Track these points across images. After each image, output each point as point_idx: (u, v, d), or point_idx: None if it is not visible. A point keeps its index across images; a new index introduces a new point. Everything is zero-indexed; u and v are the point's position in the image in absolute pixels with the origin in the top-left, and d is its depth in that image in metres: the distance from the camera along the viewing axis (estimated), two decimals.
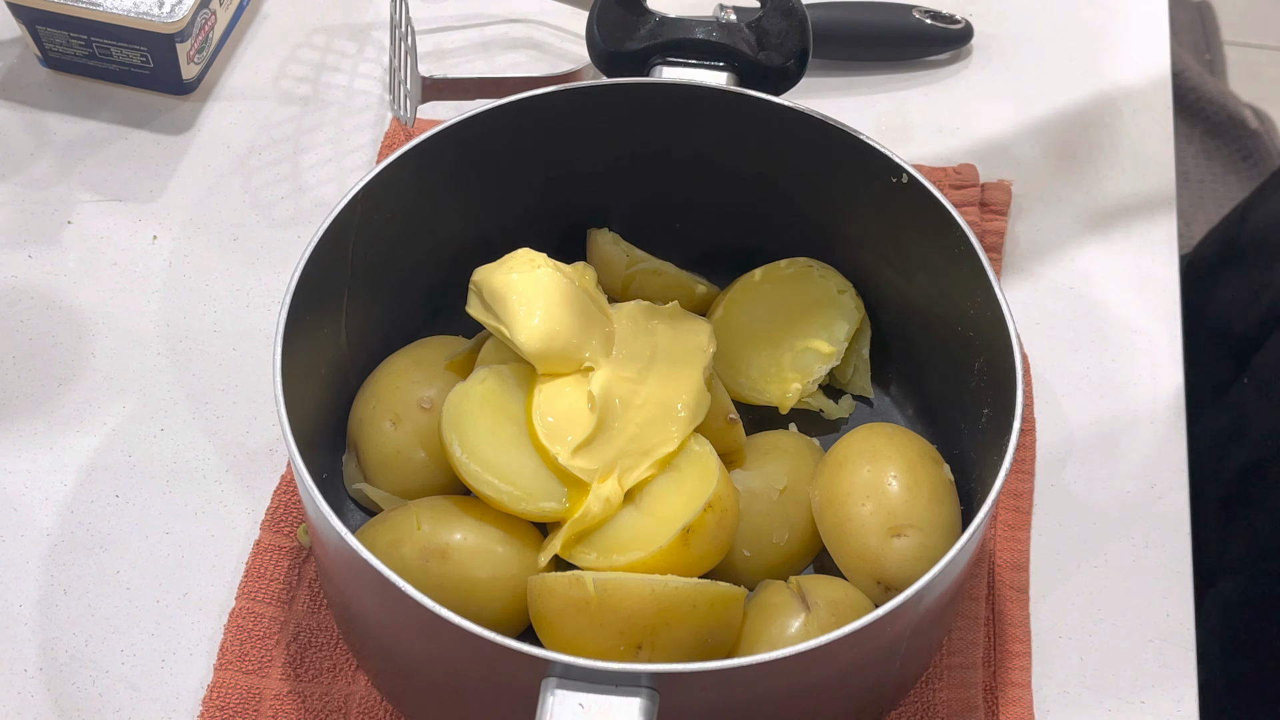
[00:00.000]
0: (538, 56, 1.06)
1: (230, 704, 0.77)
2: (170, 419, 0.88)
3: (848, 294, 0.85)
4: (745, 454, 0.80)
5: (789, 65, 0.85)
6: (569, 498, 0.74)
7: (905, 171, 0.78)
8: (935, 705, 0.78)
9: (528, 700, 0.63)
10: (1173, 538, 0.85)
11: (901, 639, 0.70)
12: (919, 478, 0.77)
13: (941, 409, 0.84)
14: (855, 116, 0.95)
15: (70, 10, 0.96)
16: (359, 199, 0.77)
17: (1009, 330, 0.73)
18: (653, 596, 0.69)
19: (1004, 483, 0.69)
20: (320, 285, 0.76)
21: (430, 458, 0.79)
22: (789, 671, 0.65)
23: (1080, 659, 0.81)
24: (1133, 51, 1.08)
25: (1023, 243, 0.97)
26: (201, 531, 0.84)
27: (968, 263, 0.76)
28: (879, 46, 1.05)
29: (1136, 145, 1.03)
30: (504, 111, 0.81)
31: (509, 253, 0.81)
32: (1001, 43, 1.07)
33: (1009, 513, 0.85)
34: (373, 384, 0.82)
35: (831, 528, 0.77)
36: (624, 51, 0.86)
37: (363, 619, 0.74)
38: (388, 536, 0.75)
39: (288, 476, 0.85)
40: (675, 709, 0.64)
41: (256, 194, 0.98)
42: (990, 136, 1.02)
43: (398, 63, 0.97)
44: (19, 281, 0.93)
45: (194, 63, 1.00)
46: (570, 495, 0.74)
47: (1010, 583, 0.82)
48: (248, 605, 0.80)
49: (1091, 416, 0.89)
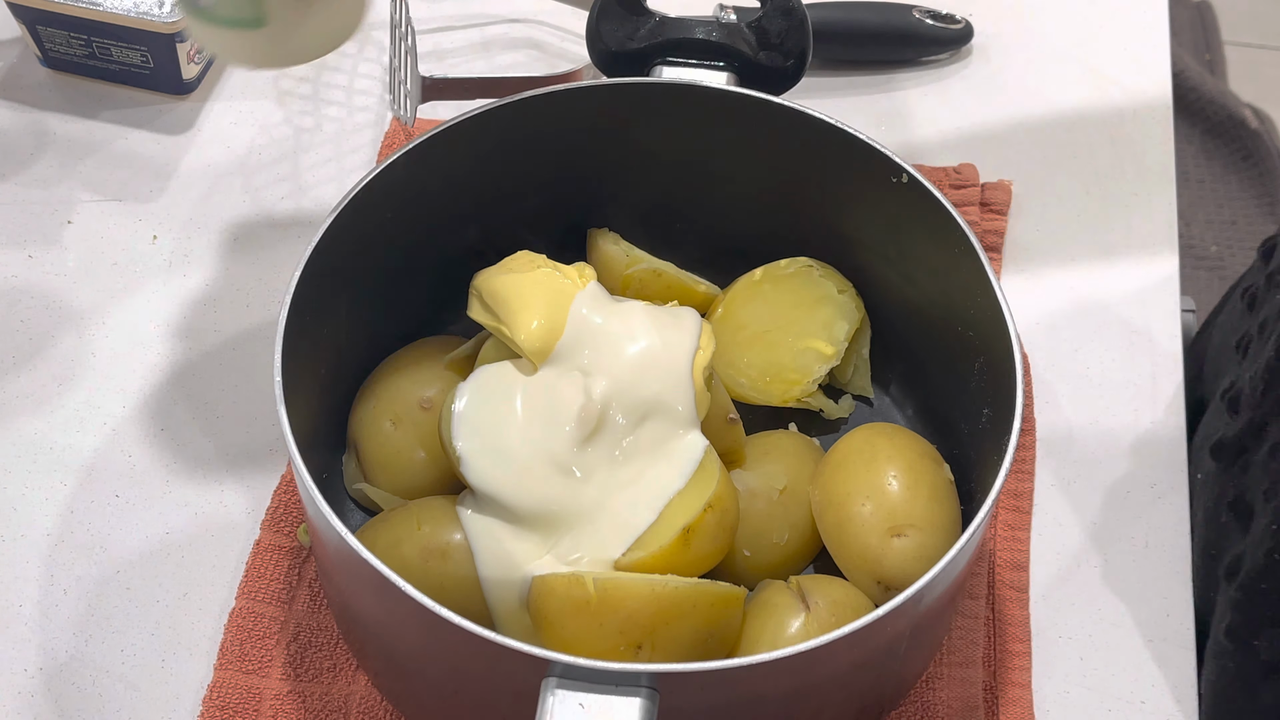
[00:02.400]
0: (538, 56, 1.06)
1: (230, 704, 0.77)
2: (170, 419, 0.88)
3: (848, 294, 0.85)
4: (745, 454, 0.80)
5: (789, 65, 0.85)
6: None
7: (905, 171, 0.78)
8: (935, 705, 0.78)
9: (528, 700, 0.63)
10: (1173, 538, 0.85)
11: (901, 639, 0.70)
12: (919, 478, 0.77)
13: (941, 409, 0.84)
14: (855, 116, 0.95)
15: (70, 10, 0.96)
16: (359, 199, 0.77)
17: (1009, 330, 0.73)
18: (653, 596, 0.69)
19: (1004, 483, 0.69)
20: (320, 285, 0.76)
21: (430, 458, 0.79)
22: (789, 671, 0.65)
23: (1080, 659, 0.81)
24: (1133, 51, 1.08)
25: (1023, 243, 0.97)
26: (201, 531, 0.84)
27: (968, 263, 0.76)
28: (879, 46, 1.05)
29: (1136, 145, 1.03)
30: (504, 111, 0.81)
31: (508, 254, 0.81)
32: (1001, 43, 1.07)
33: (1009, 513, 0.85)
34: (373, 384, 0.82)
35: (831, 528, 0.77)
36: (624, 51, 0.86)
37: (363, 619, 0.74)
38: (388, 536, 0.75)
39: (288, 476, 0.85)
40: (675, 709, 0.64)
41: (256, 194, 0.98)
42: (990, 136, 1.02)
43: (398, 63, 0.97)
44: (19, 281, 0.93)
45: (194, 63, 1.00)
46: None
47: (1010, 583, 0.82)
48: (248, 605, 0.80)
49: (1091, 416, 0.89)
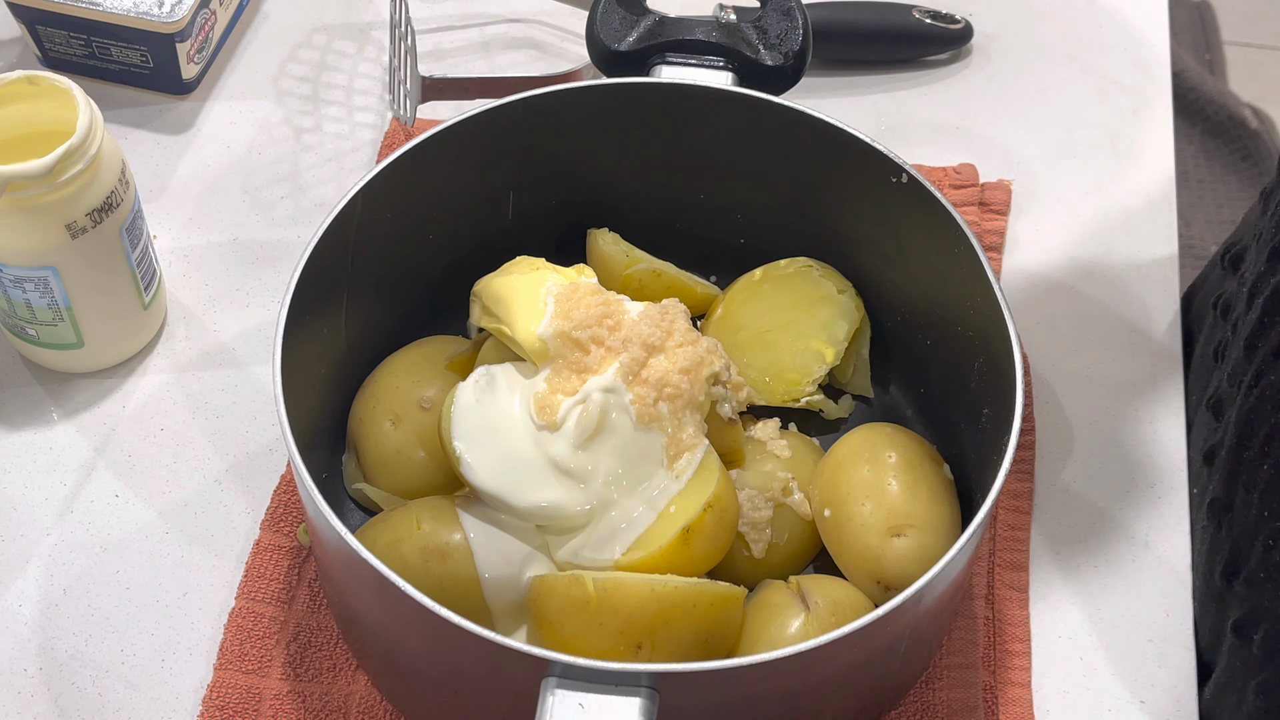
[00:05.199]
0: (538, 56, 1.06)
1: (230, 704, 0.77)
2: (170, 419, 0.88)
3: (848, 294, 0.85)
4: (745, 454, 0.80)
5: (789, 65, 0.85)
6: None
7: (905, 171, 0.78)
8: (935, 705, 0.78)
9: (528, 700, 0.63)
10: (1173, 538, 0.85)
11: (901, 639, 0.70)
12: (919, 477, 0.77)
13: (941, 409, 0.84)
14: (855, 116, 0.95)
15: (70, 10, 0.96)
16: (359, 199, 0.77)
17: (1009, 330, 0.73)
18: (653, 596, 0.69)
19: (1004, 483, 0.69)
20: (320, 285, 0.76)
21: (430, 458, 0.79)
22: (789, 671, 0.65)
23: (1080, 659, 0.81)
24: (1133, 51, 1.08)
25: (1023, 243, 0.97)
26: (201, 531, 0.84)
27: (968, 263, 0.76)
28: (879, 46, 1.05)
29: (1136, 145, 1.02)
30: (504, 111, 0.81)
31: (508, 253, 0.81)
32: (1001, 43, 1.07)
33: (1009, 513, 0.85)
34: (373, 384, 0.82)
35: (831, 528, 0.77)
36: (624, 51, 0.86)
37: (363, 619, 0.74)
38: (388, 536, 0.75)
39: (288, 476, 0.85)
40: (675, 709, 0.64)
41: (256, 194, 0.98)
42: (990, 136, 1.02)
43: (398, 62, 0.97)
44: None
45: (194, 62, 1.00)
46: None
47: (1010, 583, 0.82)
48: (248, 605, 0.80)
49: (1091, 416, 0.89)
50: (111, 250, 0.83)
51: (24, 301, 0.83)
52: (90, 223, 0.81)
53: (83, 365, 0.88)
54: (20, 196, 0.78)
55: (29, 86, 0.81)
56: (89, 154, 0.79)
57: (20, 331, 0.86)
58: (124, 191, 0.82)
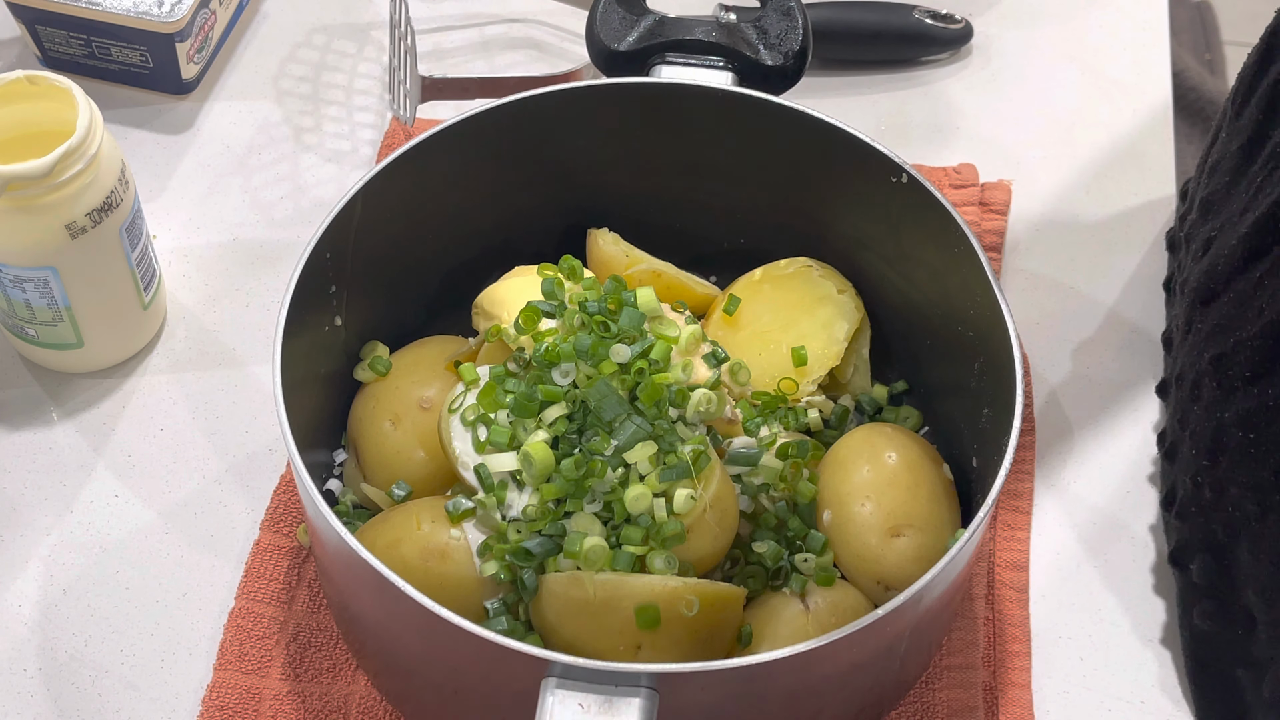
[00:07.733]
0: (537, 56, 1.06)
1: (230, 704, 0.77)
2: (170, 419, 0.88)
3: (848, 294, 0.85)
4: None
5: (789, 65, 0.85)
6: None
7: (905, 171, 0.78)
8: (935, 705, 0.78)
9: (528, 700, 0.63)
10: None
11: (901, 639, 0.70)
12: (919, 478, 0.77)
13: (942, 409, 0.84)
14: (855, 116, 0.95)
15: (70, 10, 0.96)
16: (359, 199, 0.77)
17: (1009, 330, 0.73)
18: (652, 596, 0.69)
19: (1004, 483, 0.69)
20: (320, 285, 0.76)
21: (430, 458, 0.79)
22: (789, 671, 0.65)
23: (1080, 659, 0.81)
24: (1133, 51, 1.08)
25: (1023, 243, 0.97)
26: (201, 531, 0.84)
27: (967, 263, 0.76)
28: (879, 46, 1.05)
29: (1136, 145, 1.02)
30: (504, 111, 0.81)
31: (508, 253, 0.82)
32: (1001, 43, 1.07)
33: (1009, 513, 0.85)
34: (372, 384, 0.82)
35: (831, 528, 0.77)
36: (624, 51, 0.86)
37: (362, 619, 0.74)
38: (388, 536, 0.75)
39: (288, 476, 0.85)
40: (675, 709, 0.64)
41: (256, 194, 0.98)
42: (990, 136, 1.02)
43: (397, 62, 0.97)
44: None
45: (194, 62, 1.00)
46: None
47: (1010, 583, 0.82)
48: (247, 605, 0.80)
49: (1091, 416, 0.89)
50: (111, 250, 0.83)
51: (24, 301, 0.83)
52: (90, 223, 0.81)
53: (82, 365, 0.88)
54: (20, 196, 0.78)
55: (29, 86, 0.81)
56: (89, 154, 0.79)
57: (20, 331, 0.86)
58: (124, 191, 0.82)
